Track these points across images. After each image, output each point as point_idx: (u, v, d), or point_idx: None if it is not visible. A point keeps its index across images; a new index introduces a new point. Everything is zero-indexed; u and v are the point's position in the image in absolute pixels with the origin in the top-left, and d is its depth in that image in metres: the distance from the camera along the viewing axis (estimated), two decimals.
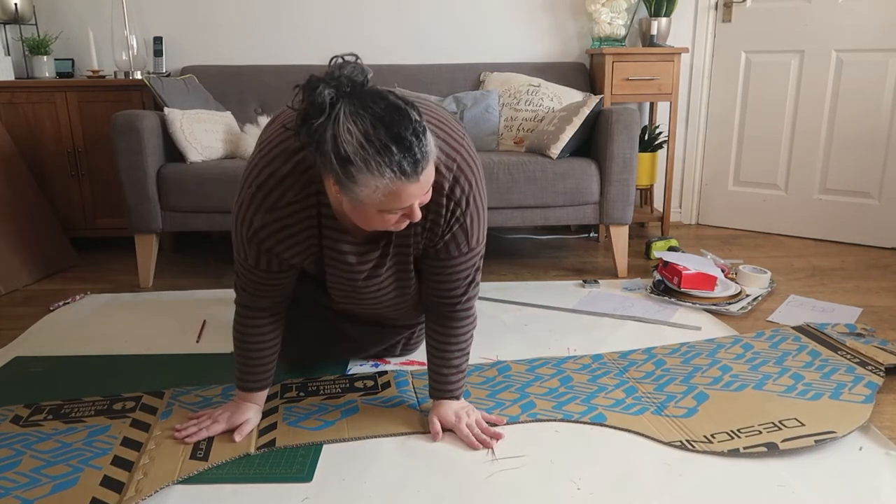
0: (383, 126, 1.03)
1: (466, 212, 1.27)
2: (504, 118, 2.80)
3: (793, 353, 1.71)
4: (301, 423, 1.43)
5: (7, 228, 2.49)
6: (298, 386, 1.60)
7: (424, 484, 1.24)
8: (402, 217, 1.14)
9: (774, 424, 1.39)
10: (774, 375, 1.60)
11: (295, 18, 3.08)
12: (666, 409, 1.48)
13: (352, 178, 1.05)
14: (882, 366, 1.61)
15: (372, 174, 1.04)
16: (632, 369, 1.67)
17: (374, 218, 1.12)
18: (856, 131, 2.87)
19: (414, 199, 1.10)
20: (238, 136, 2.56)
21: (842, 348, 1.72)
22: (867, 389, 1.51)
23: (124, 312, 2.17)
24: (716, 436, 1.36)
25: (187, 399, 1.55)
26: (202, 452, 1.32)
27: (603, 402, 1.51)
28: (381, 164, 1.03)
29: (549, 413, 1.46)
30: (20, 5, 2.86)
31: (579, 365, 1.71)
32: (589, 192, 2.38)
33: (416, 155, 1.05)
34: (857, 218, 2.93)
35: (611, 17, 2.98)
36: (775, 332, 1.87)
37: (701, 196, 3.37)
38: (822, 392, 1.51)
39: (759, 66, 3.06)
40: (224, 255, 2.88)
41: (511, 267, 2.66)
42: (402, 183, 1.06)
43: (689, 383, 1.59)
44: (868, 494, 1.19)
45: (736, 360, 1.70)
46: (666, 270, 2.28)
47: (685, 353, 1.76)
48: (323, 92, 1.03)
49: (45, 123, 2.78)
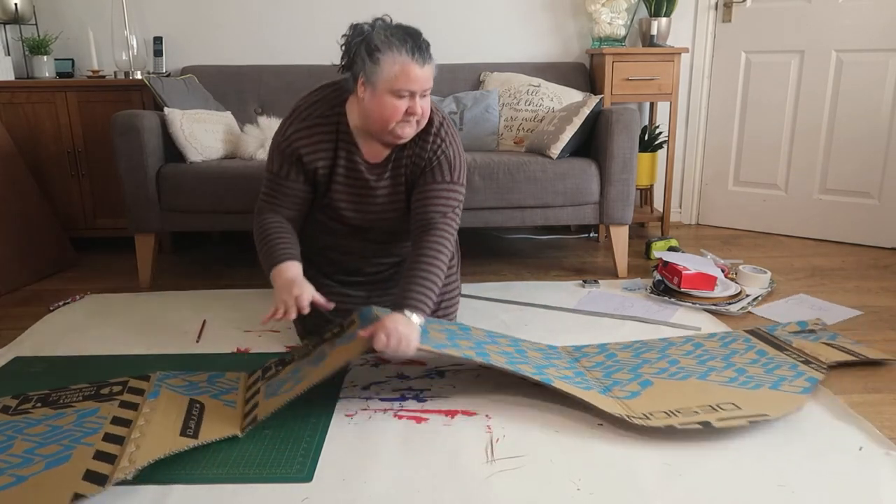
0: (403, 30, 1.52)
1: (448, 149, 1.66)
2: (504, 118, 2.80)
3: (741, 352, 1.75)
4: (279, 390, 1.47)
5: (7, 228, 2.49)
6: (277, 361, 1.64)
7: (424, 484, 1.25)
8: (407, 113, 1.52)
9: (712, 407, 1.43)
10: (719, 368, 1.64)
11: (295, 18, 3.08)
12: (611, 392, 1.53)
13: (377, 61, 1.48)
14: (825, 364, 1.64)
15: (392, 51, 1.48)
16: (583, 360, 1.73)
17: (388, 104, 1.51)
18: (856, 131, 2.87)
19: (417, 84, 1.49)
20: (238, 136, 2.56)
21: (788, 349, 1.76)
22: (806, 383, 1.55)
23: (124, 312, 2.17)
24: (654, 413, 1.41)
25: (174, 382, 1.58)
26: (192, 431, 1.35)
27: (553, 374, 1.55)
28: (401, 45, 1.48)
29: (501, 365, 1.49)
30: (20, 5, 2.87)
31: (534, 346, 1.75)
32: (589, 192, 2.38)
33: (424, 50, 1.50)
34: (857, 218, 2.93)
35: (611, 17, 2.98)
36: (727, 333, 1.90)
37: (701, 196, 3.37)
38: (763, 383, 1.55)
39: (759, 66, 3.06)
40: (224, 255, 2.89)
41: (511, 267, 2.66)
42: (413, 63, 1.48)
43: (636, 372, 1.63)
44: (868, 494, 1.19)
45: (685, 355, 1.74)
46: (666, 270, 2.28)
47: (638, 349, 1.79)
48: (361, 24, 1.54)
49: (45, 123, 2.78)
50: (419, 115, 1.55)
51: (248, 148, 2.50)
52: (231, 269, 2.67)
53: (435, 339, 1.52)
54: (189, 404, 1.46)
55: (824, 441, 1.36)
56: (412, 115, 1.54)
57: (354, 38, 1.53)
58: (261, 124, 2.54)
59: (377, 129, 1.58)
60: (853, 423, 1.42)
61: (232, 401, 1.51)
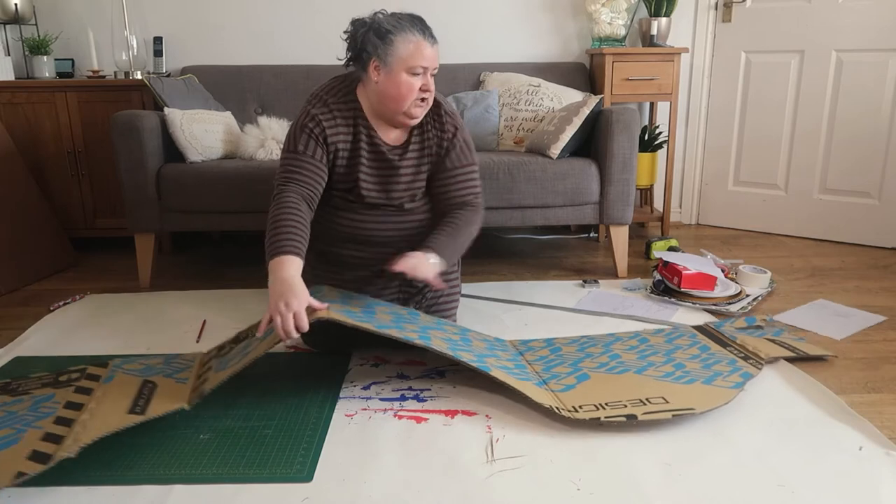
0: (409, 15, 1.62)
1: (462, 133, 1.76)
2: (504, 118, 2.80)
3: (684, 348, 1.78)
4: (228, 364, 1.49)
5: (7, 228, 2.49)
6: (231, 340, 1.67)
7: (424, 484, 1.25)
8: (421, 90, 1.61)
9: (641, 400, 1.47)
10: (658, 364, 1.67)
11: (295, 18, 3.08)
12: (547, 385, 1.56)
13: (390, 42, 1.58)
14: (763, 360, 1.68)
15: (405, 32, 1.58)
16: (528, 353, 1.76)
17: (404, 83, 1.59)
18: (856, 131, 2.87)
19: (429, 61, 1.60)
20: (238, 136, 2.56)
21: (731, 344, 1.79)
22: (740, 378, 1.57)
23: (124, 312, 2.17)
24: (583, 406, 1.45)
25: (130, 366, 1.61)
26: (140, 408, 1.37)
27: (493, 363, 1.58)
28: (411, 26, 1.59)
29: (443, 350, 1.51)
30: (20, 5, 2.87)
31: (481, 337, 1.77)
32: (589, 192, 2.38)
33: (430, 31, 1.62)
34: (857, 218, 2.93)
35: (611, 17, 2.98)
36: (675, 328, 1.93)
37: (701, 196, 3.37)
38: (697, 378, 1.58)
39: (759, 66, 3.06)
40: (224, 255, 2.89)
41: (511, 267, 2.66)
42: (425, 41, 1.59)
43: (576, 367, 1.66)
44: (868, 494, 1.20)
45: (628, 350, 1.77)
46: (666, 270, 2.28)
47: (583, 344, 1.82)
48: (363, 17, 1.63)
49: (45, 123, 2.78)
50: (431, 94, 1.64)
51: (248, 148, 2.50)
52: (231, 269, 2.67)
53: (353, 312, 1.53)
54: (142, 384, 1.50)
55: (824, 441, 1.36)
56: (426, 91, 1.62)
57: (360, 29, 1.61)
58: (261, 124, 2.54)
59: (392, 109, 1.64)
60: (853, 423, 1.42)
61: (185, 378, 1.54)
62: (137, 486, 1.24)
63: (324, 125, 1.66)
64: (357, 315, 1.52)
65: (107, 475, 1.27)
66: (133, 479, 1.26)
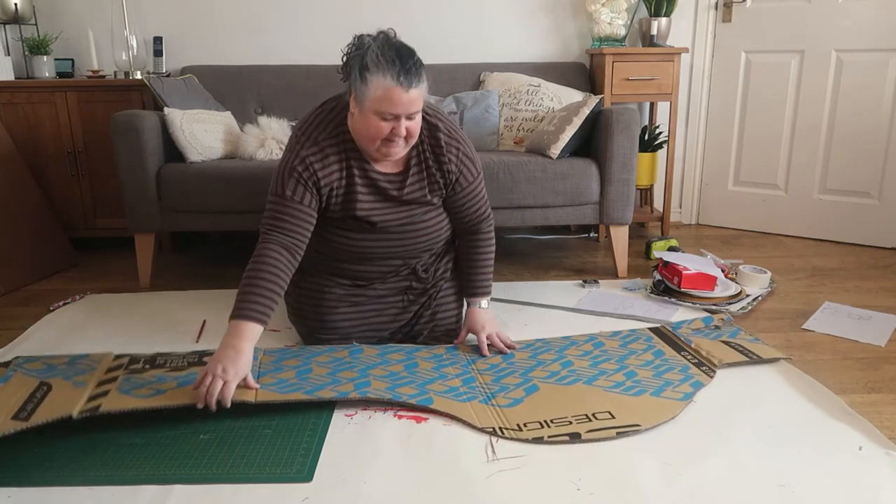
0: (396, 51, 1.50)
1: (465, 149, 1.73)
2: (504, 118, 2.80)
3: (638, 353, 1.76)
4: (134, 391, 1.44)
5: (7, 228, 2.49)
6: (147, 359, 1.63)
7: (424, 484, 1.25)
8: (391, 133, 1.54)
9: (587, 416, 1.44)
10: (610, 372, 1.65)
11: (295, 18, 3.08)
12: (494, 399, 1.53)
13: (365, 81, 1.50)
14: (716, 367, 1.66)
15: (378, 74, 1.49)
16: (479, 361, 1.72)
17: (372, 124, 1.54)
18: (856, 131, 2.87)
19: (401, 108, 1.51)
20: (238, 136, 2.56)
21: (686, 349, 1.77)
22: (690, 388, 1.56)
23: (124, 312, 2.17)
24: (527, 424, 1.42)
25: (31, 366, 1.58)
26: (26, 413, 1.34)
27: (436, 388, 1.56)
28: (387, 68, 1.48)
29: (381, 393, 1.50)
30: (20, 5, 2.87)
31: (430, 354, 1.75)
32: (589, 192, 2.38)
33: (412, 74, 1.50)
34: (857, 218, 2.93)
35: (611, 17, 2.98)
36: (632, 331, 1.91)
37: (701, 196, 3.37)
38: (646, 389, 1.56)
39: (759, 66, 3.06)
40: (224, 255, 2.89)
41: (511, 267, 2.66)
42: (397, 87, 1.49)
43: (526, 376, 1.63)
44: (868, 494, 1.19)
45: (581, 356, 1.74)
46: (666, 270, 2.28)
47: (537, 349, 1.79)
48: (364, 36, 1.55)
49: (45, 123, 2.78)
50: (404, 136, 1.57)
51: (248, 148, 2.50)
52: (231, 270, 2.67)
53: (285, 379, 1.53)
54: (37, 387, 1.46)
55: (824, 441, 1.36)
56: (396, 136, 1.56)
57: (354, 52, 1.54)
58: (261, 124, 2.54)
59: (365, 145, 1.61)
60: (853, 423, 1.42)
61: (83, 381, 1.49)
62: (137, 486, 1.24)
63: (314, 168, 1.61)
64: (287, 386, 1.50)
65: (107, 475, 1.27)
66: (133, 479, 1.26)
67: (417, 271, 1.84)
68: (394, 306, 1.84)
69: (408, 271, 1.83)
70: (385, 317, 1.84)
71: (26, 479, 1.26)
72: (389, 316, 1.84)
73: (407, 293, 1.84)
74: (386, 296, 1.83)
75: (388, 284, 1.83)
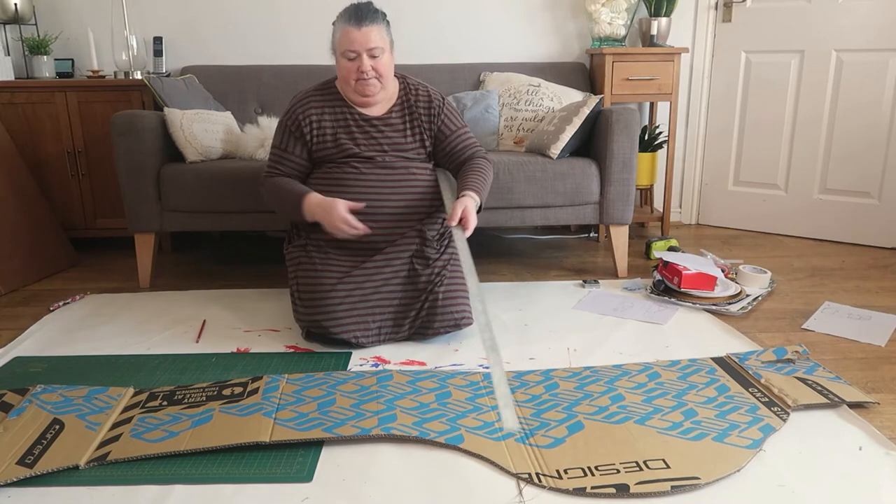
0: (355, 6, 1.83)
1: (447, 104, 1.99)
2: (504, 118, 2.80)
3: (699, 388, 1.58)
4: (145, 434, 1.39)
5: (7, 228, 2.49)
6: (166, 395, 1.56)
7: (424, 484, 1.24)
8: (358, 72, 1.81)
9: (637, 464, 1.27)
10: (666, 410, 1.47)
11: (295, 18, 3.08)
12: (532, 437, 1.38)
13: (334, 32, 1.86)
14: (790, 408, 1.47)
15: (340, 21, 1.82)
16: (519, 391, 1.57)
17: (342, 66, 1.84)
18: (856, 131, 2.87)
19: (357, 45, 1.79)
20: (238, 136, 2.55)
21: (755, 384, 1.59)
22: (759, 433, 1.38)
23: (124, 312, 2.17)
24: (568, 471, 1.26)
25: (47, 397, 1.53)
26: (31, 459, 1.30)
27: (469, 424, 1.42)
28: (344, 16, 1.82)
29: (406, 429, 1.40)
30: (20, 5, 2.87)
31: (466, 382, 1.62)
32: (589, 192, 2.38)
33: (362, 14, 1.80)
34: (857, 218, 2.93)
35: (611, 17, 2.98)
36: (692, 361, 1.72)
37: (701, 196, 3.37)
38: (708, 433, 1.38)
39: (759, 66, 3.06)
40: (224, 256, 2.89)
41: (511, 267, 2.66)
42: (350, 27, 1.79)
43: (570, 411, 1.47)
44: (868, 494, 1.20)
45: (634, 389, 1.57)
46: (666, 270, 2.28)
47: (584, 378, 1.63)
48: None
49: (45, 123, 2.78)
50: (371, 74, 1.82)
51: (247, 148, 2.50)
52: (231, 269, 2.67)
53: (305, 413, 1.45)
54: (49, 425, 1.41)
55: (824, 441, 1.36)
56: (363, 72, 1.80)
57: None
58: (261, 124, 2.54)
59: (346, 91, 1.89)
60: (853, 423, 1.42)
61: (97, 423, 1.44)
62: (137, 486, 1.24)
63: (298, 117, 1.90)
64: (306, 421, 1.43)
65: (107, 475, 1.27)
66: (133, 479, 1.26)
67: (425, 234, 1.90)
68: (398, 276, 1.86)
69: (415, 234, 1.90)
70: (391, 287, 1.85)
71: (26, 479, 1.26)
72: (395, 286, 1.85)
73: (414, 261, 1.87)
74: (393, 260, 1.86)
75: (399, 247, 1.88)
